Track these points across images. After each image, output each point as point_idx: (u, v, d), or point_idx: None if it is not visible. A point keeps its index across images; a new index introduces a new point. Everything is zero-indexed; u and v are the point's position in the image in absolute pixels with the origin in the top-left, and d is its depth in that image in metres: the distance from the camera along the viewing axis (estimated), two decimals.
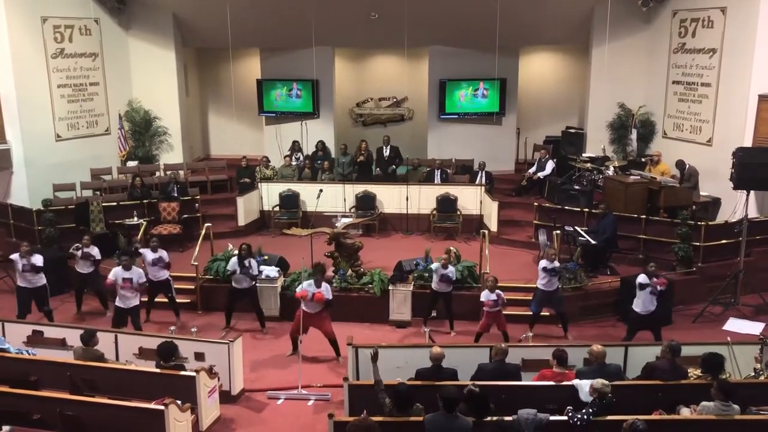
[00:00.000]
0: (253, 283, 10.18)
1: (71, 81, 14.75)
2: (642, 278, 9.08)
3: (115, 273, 9.48)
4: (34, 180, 13.90)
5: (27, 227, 12.76)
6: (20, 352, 8.16)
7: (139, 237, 11.92)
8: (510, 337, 9.35)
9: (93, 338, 7.93)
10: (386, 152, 15.63)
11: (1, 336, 8.14)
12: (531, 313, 9.99)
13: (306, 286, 9.12)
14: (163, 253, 10.30)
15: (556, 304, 9.91)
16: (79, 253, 10.44)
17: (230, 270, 10.11)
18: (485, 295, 9.28)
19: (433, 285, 10.03)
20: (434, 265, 10.02)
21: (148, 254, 10.26)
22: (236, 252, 10.27)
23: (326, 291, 9.18)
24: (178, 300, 10.70)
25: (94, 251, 10.54)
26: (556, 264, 9.71)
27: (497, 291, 9.26)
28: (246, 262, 10.00)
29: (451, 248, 10.96)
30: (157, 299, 10.57)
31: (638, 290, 9.09)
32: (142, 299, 10.05)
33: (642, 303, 9.08)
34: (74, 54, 14.76)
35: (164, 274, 10.33)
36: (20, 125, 13.68)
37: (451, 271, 9.96)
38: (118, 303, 9.59)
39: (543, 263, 9.72)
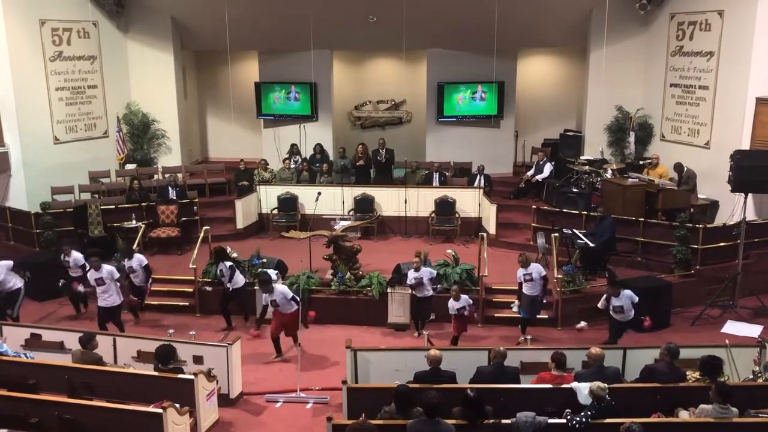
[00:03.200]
0: (240, 283, 10.26)
1: (69, 84, 14.75)
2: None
3: (89, 276, 9.62)
4: (33, 183, 13.89)
5: (25, 230, 12.75)
6: (18, 355, 8.15)
7: (136, 245, 11.88)
8: (502, 338, 9.40)
9: (92, 341, 7.93)
10: (382, 155, 15.65)
11: (2, 342, 8.10)
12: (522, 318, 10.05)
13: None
14: (135, 263, 10.23)
15: (533, 309, 9.91)
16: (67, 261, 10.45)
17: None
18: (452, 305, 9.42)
19: (415, 292, 10.06)
20: (409, 274, 10.03)
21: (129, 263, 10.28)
22: (235, 255, 10.32)
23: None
24: (176, 303, 10.73)
25: (73, 256, 10.41)
26: (533, 269, 9.75)
27: (464, 297, 9.36)
28: (219, 270, 10.17)
29: (423, 252, 10.96)
30: (149, 302, 10.65)
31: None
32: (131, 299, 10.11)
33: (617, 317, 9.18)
34: (72, 57, 14.76)
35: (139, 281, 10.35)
36: (18, 128, 13.68)
37: (425, 272, 9.93)
38: (99, 303, 9.66)
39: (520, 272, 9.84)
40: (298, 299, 9.25)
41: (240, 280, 10.30)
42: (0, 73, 13.45)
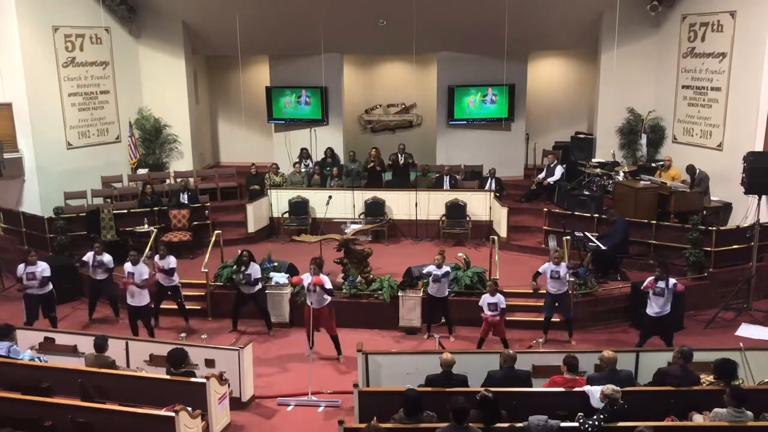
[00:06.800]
0: (258, 287, 10.21)
1: (82, 89, 14.87)
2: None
3: (124, 267, 9.77)
4: (46, 188, 14.01)
5: (39, 235, 12.85)
6: (32, 358, 8.20)
7: (147, 247, 11.92)
8: (510, 342, 9.32)
9: (105, 345, 7.97)
10: (401, 160, 15.64)
11: (16, 346, 8.15)
12: (543, 318, 9.96)
13: (303, 277, 9.32)
14: (167, 261, 10.30)
15: (564, 309, 9.86)
16: (91, 261, 10.47)
17: (234, 278, 10.24)
18: (486, 298, 9.27)
19: (429, 290, 9.98)
20: (428, 268, 9.93)
21: (157, 261, 10.32)
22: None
23: (324, 280, 9.20)
24: (188, 306, 10.75)
25: (106, 258, 10.56)
26: (562, 267, 9.67)
27: (498, 295, 9.25)
28: (245, 267, 10.07)
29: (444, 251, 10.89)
30: (165, 306, 10.63)
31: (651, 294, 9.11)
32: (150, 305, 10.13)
33: (653, 306, 9.07)
34: (85, 63, 14.88)
35: (173, 281, 10.36)
36: (32, 134, 13.80)
37: (446, 270, 9.90)
38: (128, 301, 9.76)
39: (548, 266, 9.72)
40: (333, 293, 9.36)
41: (258, 285, 10.32)
42: (14, 80, 13.59)
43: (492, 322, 9.25)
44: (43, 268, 9.98)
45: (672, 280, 9.07)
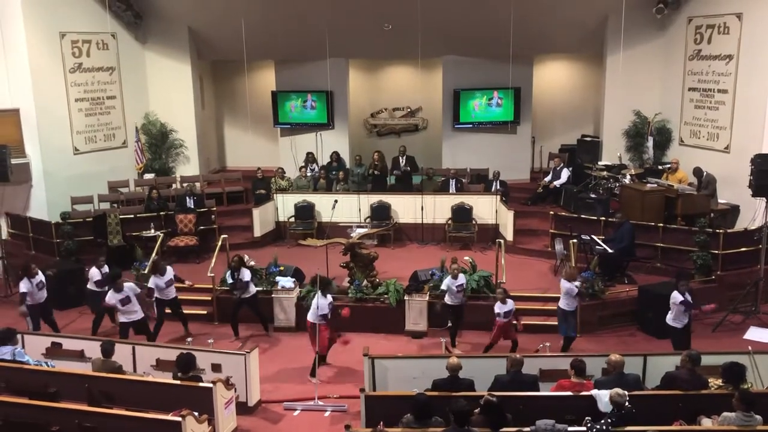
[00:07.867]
0: (252, 291, 10.23)
1: (89, 95, 14.93)
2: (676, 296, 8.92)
3: (109, 298, 9.36)
4: (53, 193, 14.05)
5: (46, 240, 12.90)
6: (39, 363, 8.23)
7: (152, 256, 11.86)
8: (519, 346, 9.27)
9: (113, 350, 7.99)
10: (402, 162, 15.66)
11: (20, 349, 8.20)
12: (566, 337, 9.54)
13: (322, 300, 9.11)
14: (166, 275, 10.10)
15: (571, 326, 9.64)
16: (100, 276, 10.33)
17: (229, 282, 10.29)
18: (498, 307, 9.21)
19: (447, 300, 9.87)
20: (446, 281, 9.82)
21: (159, 280, 9.98)
22: (252, 263, 10.35)
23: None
24: (195, 311, 10.77)
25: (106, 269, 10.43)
26: (576, 284, 9.42)
27: (509, 301, 9.20)
28: (235, 274, 10.11)
29: (459, 259, 10.84)
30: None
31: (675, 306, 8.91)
32: (152, 315, 10.09)
33: (682, 319, 8.93)
34: (92, 68, 14.94)
35: (170, 295, 10.19)
36: (39, 139, 13.85)
37: (462, 279, 9.87)
38: (121, 318, 9.55)
39: (565, 285, 9.39)
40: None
41: (253, 288, 10.32)
42: (21, 85, 13.64)
43: (502, 327, 9.22)
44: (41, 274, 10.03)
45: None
